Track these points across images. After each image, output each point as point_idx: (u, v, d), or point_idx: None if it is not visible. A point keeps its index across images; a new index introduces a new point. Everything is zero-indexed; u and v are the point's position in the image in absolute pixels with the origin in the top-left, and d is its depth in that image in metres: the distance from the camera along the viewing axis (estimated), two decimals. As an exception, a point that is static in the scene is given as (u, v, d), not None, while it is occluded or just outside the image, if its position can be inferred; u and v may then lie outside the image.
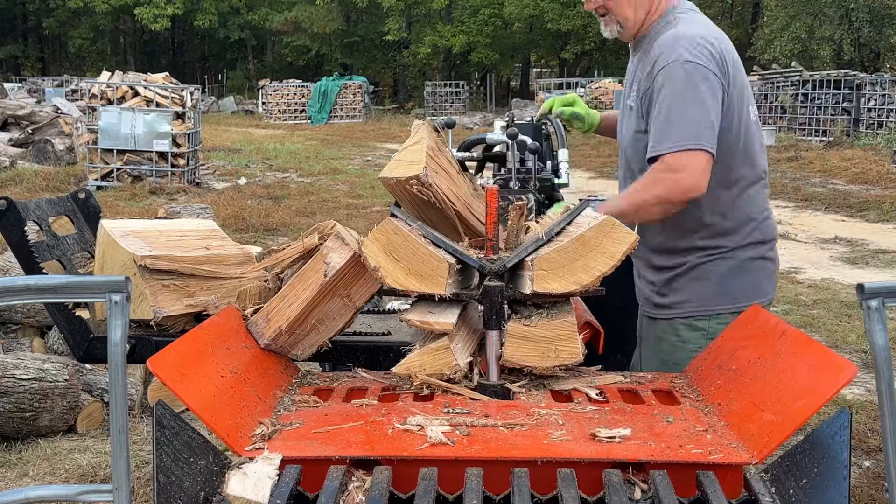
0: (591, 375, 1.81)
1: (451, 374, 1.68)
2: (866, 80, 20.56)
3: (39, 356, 4.68)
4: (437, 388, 1.68)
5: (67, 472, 3.92)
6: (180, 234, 2.19)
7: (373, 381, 1.80)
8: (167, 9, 41.65)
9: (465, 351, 1.72)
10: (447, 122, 3.05)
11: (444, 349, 1.66)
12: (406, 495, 1.34)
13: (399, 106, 39.85)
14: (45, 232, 2.25)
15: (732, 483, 1.38)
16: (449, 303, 1.72)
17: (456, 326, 1.70)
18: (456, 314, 1.71)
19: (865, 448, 4.21)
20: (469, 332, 1.81)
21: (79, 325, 2.11)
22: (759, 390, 1.52)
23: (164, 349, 1.50)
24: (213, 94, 41.38)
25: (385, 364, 1.98)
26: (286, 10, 42.45)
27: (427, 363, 1.68)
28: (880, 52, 29.36)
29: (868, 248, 9.70)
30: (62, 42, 51.05)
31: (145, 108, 13.05)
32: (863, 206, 12.28)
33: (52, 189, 12.24)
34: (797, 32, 28.61)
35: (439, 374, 1.67)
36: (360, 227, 10.42)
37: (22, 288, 1.20)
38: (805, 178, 15.09)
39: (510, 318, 1.72)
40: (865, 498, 3.69)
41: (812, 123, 21.19)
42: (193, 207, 9.65)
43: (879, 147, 17.85)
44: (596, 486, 1.36)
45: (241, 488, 1.30)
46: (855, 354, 5.72)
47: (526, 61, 45.35)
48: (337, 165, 17.39)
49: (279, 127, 29.77)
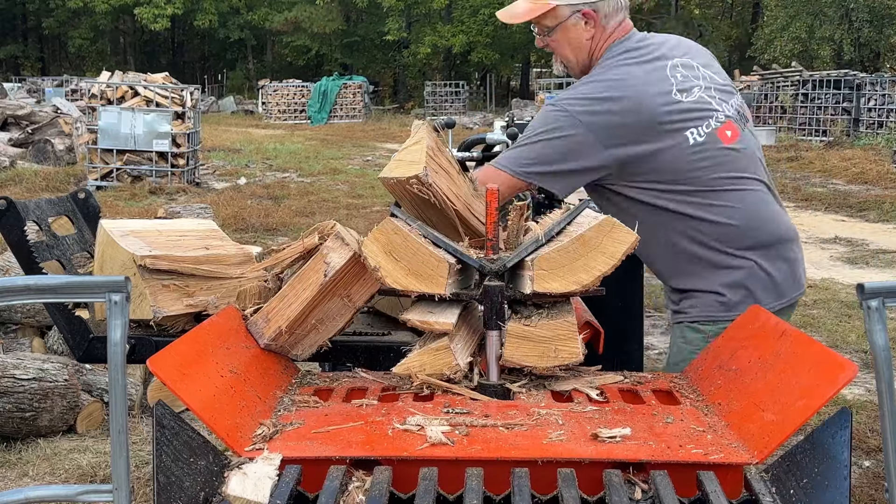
0: (591, 375, 1.81)
1: (452, 374, 1.67)
2: (866, 80, 20.59)
3: (39, 356, 4.68)
4: (437, 388, 1.68)
5: (67, 472, 3.92)
6: (180, 234, 2.19)
7: (373, 381, 1.80)
8: (167, 9, 41.63)
9: (465, 351, 1.72)
10: (447, 122, 3.05)
11: (445, 349, 1.66)
12: (406, 495, 1.34)
13: (399, 106, 39.86)
14: (44, 232, 2.25)
15: (733, 483, 1.38)
16: (449, 303, 1.72)
17: (456, 326, 1.70)
18: (456, 314, 1.71)
19: (865, 448, 4.21)
20: (469, 332, 1.81)
21: (79, 325, 2.11)
22: (760, 390, 1.52)
23: (164, 349, 1.50)
24: (212, 94, 41.38)
25: (385, 364, 1.97)
26: (286, 10, 42.44)
27: (427, 363, 1.67)
28: (880, 52, 29.37)
29: (868, 248, 9.70)
30: (62, 42, 51.08)
31: (145, 108, 13.05)
32: (863, 206, 12.28)
33: (51, 189, 12.24)
34: (797, 32, 28.63)
35: (439, 374, 1.67)
36: (360, 227, 10.42)
37: (22, 288, 1.20)
38: (805, 178, 15.09)
39: (510, 318, 1.72)
40: (865, 498, 3.69)
41: (812, 123, 21.21)
42: (193, 207, 9.65)
43: (879, 147, 17.87)
44: (596, 486, 1.36)
45: (241, 488, 1.30)
46: (855, 354, 5.72)
47: (526, 61, 45.31)
48: (337, 165, 17.39)
49: (279, 127, 29.77)
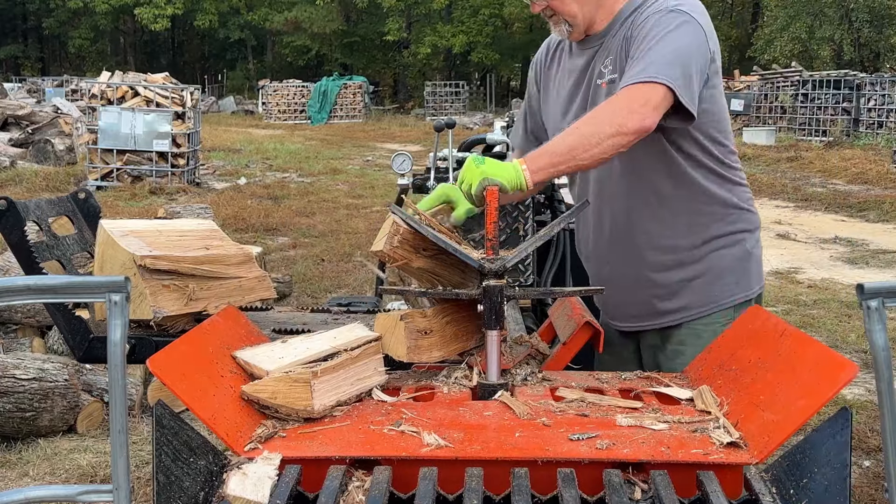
0: (591, 375, 1.80)
1: (303, 414, 1.53)
2: (866, 80, 20.60)
3: (39, 356, 4.68)
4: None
5: (67, 472, 3.92)
6: (180, 234, 2.19)
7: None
8: (167, 9, 41.62)
9: (333, 392, 1.57)
10: (447, 122, 3.05)
11: (304, 384, 1.52)
12: (406, 495, 1.34)
13: (399, 106, 39.84)
14: (44, 232, 2.25)
15: (733, 483, 1.38)
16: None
17: (438, 326, 1.69)
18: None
19: (865, 448, 4.21)
20: (445, 337, 1.80)
21: (79, 325, 2.11)
22: (760, 390, 1.52)
23: (164, 349, 1.50)
24: (213, 94, 41.33)
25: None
26: (286, 10, 42.41)
27: (281, 392, 1.52)
28: (880, 52, 29.36)
29: (868, 248, 9.70)
30: (62, 42, 51.03)
31: (145, 108, 13.05)
32: (863, 206, 12.29)
33: (51, 189, 12.23)
34: (797, 32, 28.63)
35: (289, 407, 1.52)
36: (360, 228, 10.46)
37: (22, 288, 1.20)
38: (805, 178, 15.10)
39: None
40: (865, 498, 3.69)
41: (812, 123, 21.21)
42: (193, 207, 9.65)
43: (879, 147, 17.88)
44: (596, 486, 1.36)
45: (240, 488, 1.30)
46: (855, 354, 5.72)
47: (526, 61, 45.25)
48: (337, 165, 17.39)
49: (279, 127, 29.77)
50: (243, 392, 1.54)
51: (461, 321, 1.83)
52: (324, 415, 1.54)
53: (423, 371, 1.87)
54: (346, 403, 1.59)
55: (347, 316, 2.28)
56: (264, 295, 2.20)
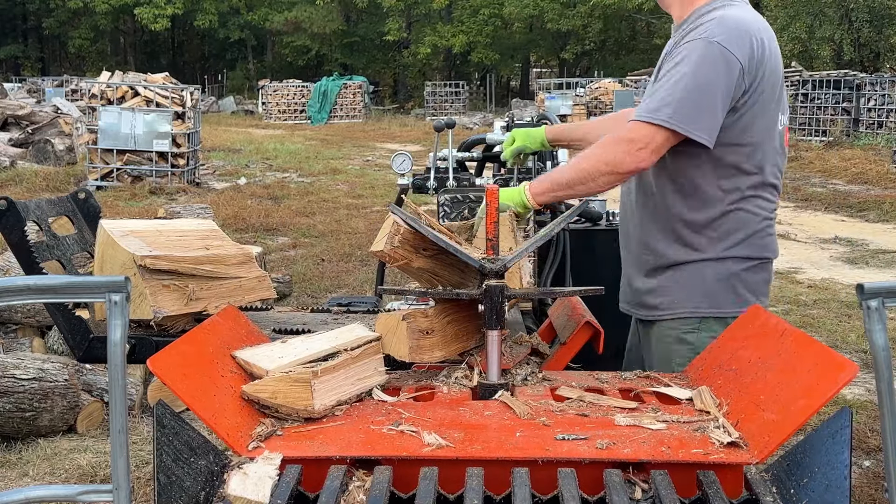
0: (591, 375, 1.81)
1: (304, 414, 1.53)
2: (866, 80, 20.58)
3: (39, 356, 4.68)
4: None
5: (67, 472, 3.92)
6: (180, 234, 2.19)
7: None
8: (167, 9, 41.61)
9: (333, 392, 1.57)
10: (447, 122, 3.04)
11: (304, 384, 1.52)
12: (407, 495, 1.34)
13: (399, 106, 39.84)
14: (45, 232, 2.25)
15: (733, 483, 1.38)
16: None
17: (439, 325, 1.68)
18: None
19: (865, 448, 4.21)
20: (446, 336, 1.81)
21: (79, 325, 2.11)
22: (760, 390, 1.52)
23: (164, 349, 1.50)
24: (213, 94, 41.34)
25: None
26: (286, 10, 42.42)
27: (281, 392, 1.53)
28: (880, 52, 29.35)
29: (868, 248, 9.70)
30: (62, 42, 51.01)
31: (145, 108, 13.05)
32: (863, 206, 12.29)
33: (52, 189, 12.24)
34: (797, 32, 28.60)
35: (290, 407, 1.52)
36: (360, 227, 10.46)
37: (22, 288, 1.20)
38: (805, 178, 15.09)
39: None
40: (865, 498, 3.69)
41: (812, 123, 21.20)
42: (193, 207, 9.65)
43: (879, 147, 17.87)
44: (597, 486, 1.36)
45: (241, 488, 1.30)
46: (855, 354, 5.72)
47: (526, 61, 45.34)
48: (337, 165, 17.39)
49: (279, 127, 29.77)
50: (244, 392, 1.54)
51: (462, 321, 1.83)
52: (324, 415, 1.54)
53: (424, 371, 1.87)
54: (346, 403, 1.60)
55: (347, 316, 2.29)
56: (264, 295, 2.20)
